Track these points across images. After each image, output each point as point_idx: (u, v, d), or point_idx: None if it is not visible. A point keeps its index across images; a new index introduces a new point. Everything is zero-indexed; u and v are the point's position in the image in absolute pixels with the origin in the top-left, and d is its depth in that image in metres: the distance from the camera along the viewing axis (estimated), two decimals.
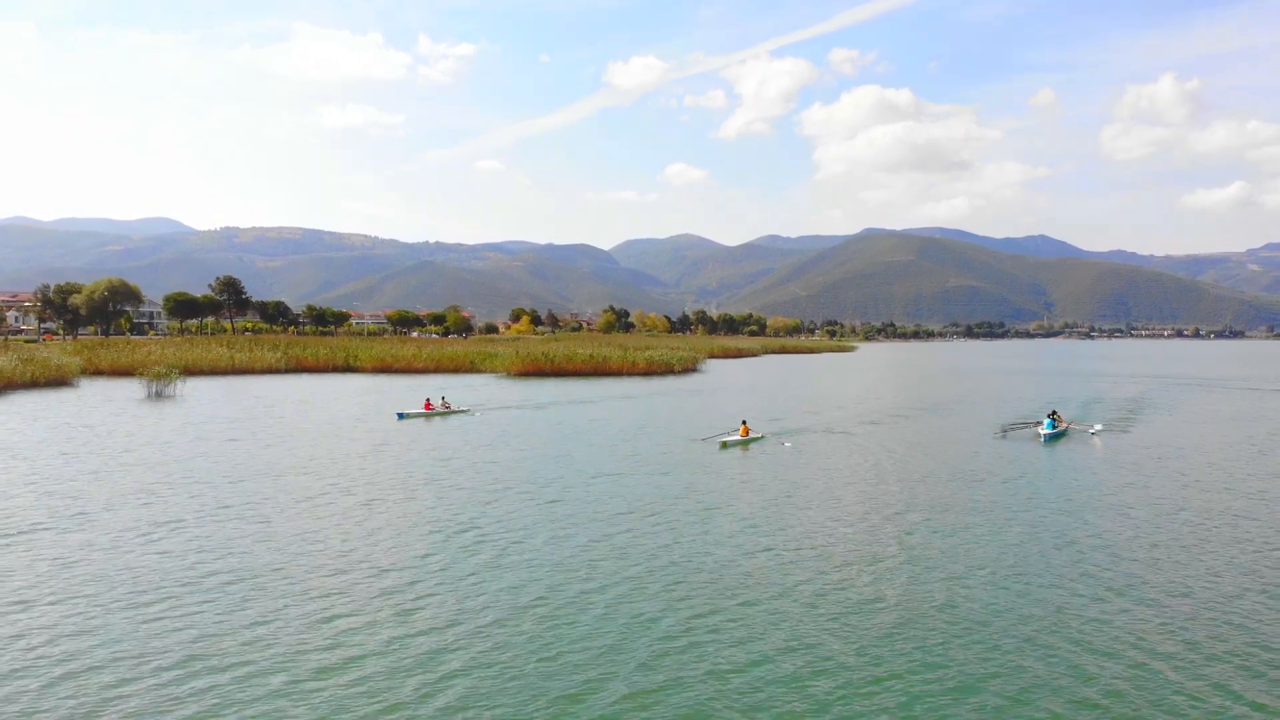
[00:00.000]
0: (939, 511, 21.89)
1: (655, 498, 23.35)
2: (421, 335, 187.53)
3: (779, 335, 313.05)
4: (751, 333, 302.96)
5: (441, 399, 47.34)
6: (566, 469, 28.00)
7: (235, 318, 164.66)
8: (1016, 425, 40.16)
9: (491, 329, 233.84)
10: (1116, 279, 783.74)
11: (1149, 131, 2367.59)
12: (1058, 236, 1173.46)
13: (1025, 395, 64.75)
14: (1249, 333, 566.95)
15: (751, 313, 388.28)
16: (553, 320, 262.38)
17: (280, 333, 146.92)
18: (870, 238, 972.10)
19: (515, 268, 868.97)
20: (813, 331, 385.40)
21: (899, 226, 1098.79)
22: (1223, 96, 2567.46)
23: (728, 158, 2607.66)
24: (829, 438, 36.77)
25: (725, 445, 33.29)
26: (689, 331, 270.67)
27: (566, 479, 26.09)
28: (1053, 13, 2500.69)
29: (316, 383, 69.47)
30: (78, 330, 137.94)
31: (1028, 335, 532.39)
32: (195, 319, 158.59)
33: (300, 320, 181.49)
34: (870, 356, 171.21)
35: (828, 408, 52.34)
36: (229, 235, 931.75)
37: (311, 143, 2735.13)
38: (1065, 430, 38.21)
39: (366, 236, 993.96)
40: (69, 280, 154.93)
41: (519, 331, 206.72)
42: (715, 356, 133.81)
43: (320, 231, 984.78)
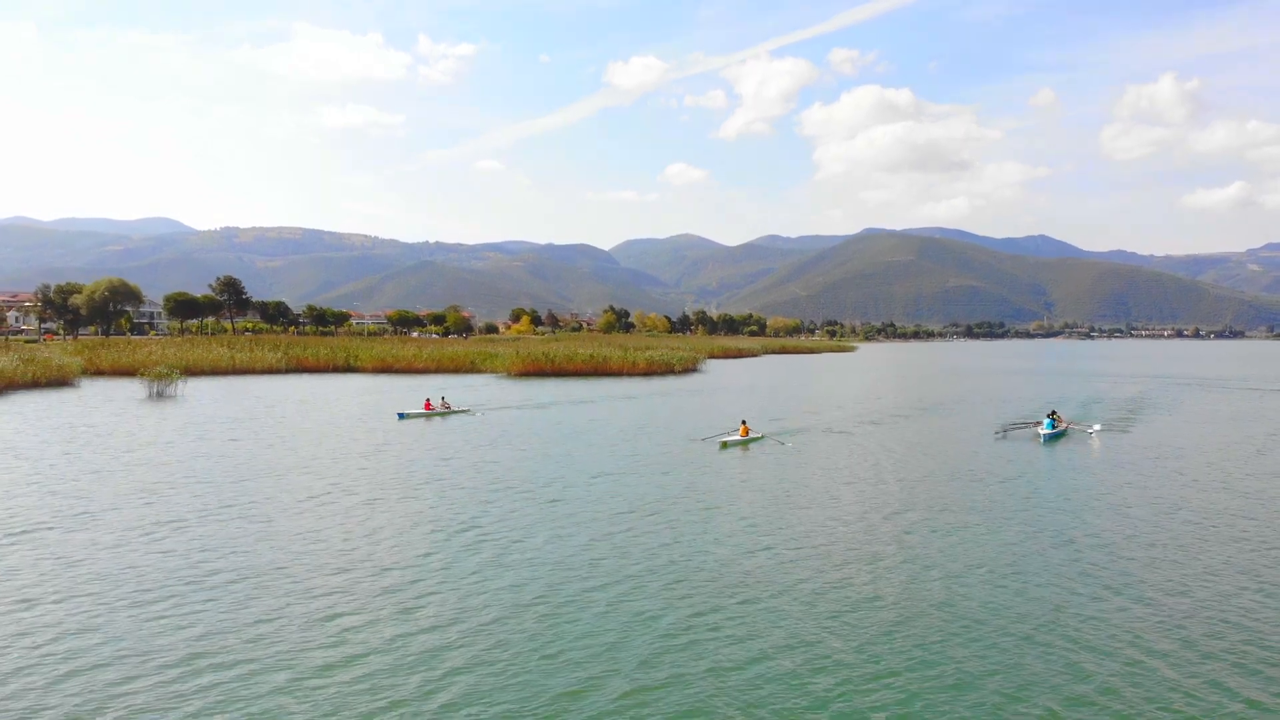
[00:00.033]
0: (938, 511, 21.97)
1: (655, 497, 23.42)
2: (421, 335, 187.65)
3: (779, 335, 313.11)
4: (751, 333, 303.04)
5: (442, 399, 47.40)
6: (567, 469, 28.07)
7: (235, 318, 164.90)
8: (1016, 425, 40.22)
9: (491, 329, 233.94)
10: (1116, 279, 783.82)
11: (1149, 131, 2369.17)
12: (1058, 236, 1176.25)
13: (1025, 395, 64.83)
14: (1249, 333, 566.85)
15: (751, 313, 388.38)
16: (553, 320, 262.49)
17: (280, 333, 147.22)
18: (870, 238, 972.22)
19: (515, 268, 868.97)
20: (813, 332, 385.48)
21: (899, 226, 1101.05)
22: (1223, 96, 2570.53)
23: (728, 158, 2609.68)
24: (829, 437, 36.84)
25: (725, 445, 33.35)
26: (689, 332, 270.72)
27: (567, 478, 26.16)
28: (1053, 13, 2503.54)
29: (317, 383, 69.56)
30: (78, 330, 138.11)
31: (1028, 335, 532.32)
32: (195, 319, 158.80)
33: (300, 320, 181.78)
34: (870, 357, 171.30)
35: (828, 408, 52.41)
36: (229, 235, 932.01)
37: (311, 143, 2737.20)
38: (1065, 430, 38.28)
39: (366, 236, 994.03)
40: (69, 280, 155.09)
41: (519, 332, 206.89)
42: (715, 356, 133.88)
43: (320, 231, 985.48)
